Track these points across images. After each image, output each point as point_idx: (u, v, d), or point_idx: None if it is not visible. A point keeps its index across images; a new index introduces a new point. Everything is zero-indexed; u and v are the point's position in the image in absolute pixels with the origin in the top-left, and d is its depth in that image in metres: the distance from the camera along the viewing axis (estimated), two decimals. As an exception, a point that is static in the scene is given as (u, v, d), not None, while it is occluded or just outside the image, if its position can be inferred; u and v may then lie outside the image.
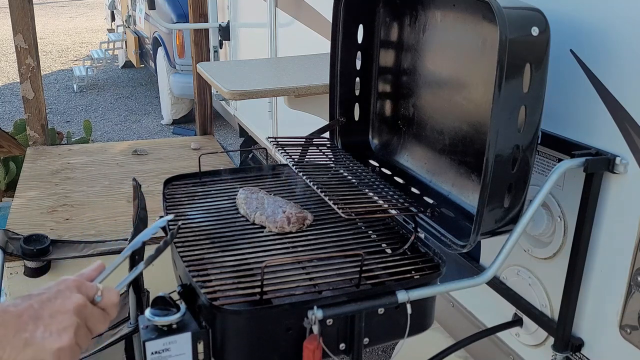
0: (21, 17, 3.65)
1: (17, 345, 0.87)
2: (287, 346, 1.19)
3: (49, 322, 0.90)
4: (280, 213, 1.52)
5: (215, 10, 4.57)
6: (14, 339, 0.87)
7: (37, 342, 0.88)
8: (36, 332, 0.89)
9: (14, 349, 0.87)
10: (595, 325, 1.49)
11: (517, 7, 1.24)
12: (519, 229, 1.33)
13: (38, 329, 0.89)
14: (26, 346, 0.88)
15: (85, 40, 12.59)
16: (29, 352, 0.88)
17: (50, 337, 0.89)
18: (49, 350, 0.89)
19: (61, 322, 0.91)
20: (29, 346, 0.88)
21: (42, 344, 0.89)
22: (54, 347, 0.89)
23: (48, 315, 0.91)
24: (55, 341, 0.89)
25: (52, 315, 0.91)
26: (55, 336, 0.90)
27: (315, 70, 2.50)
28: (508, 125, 1.24)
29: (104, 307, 0.98)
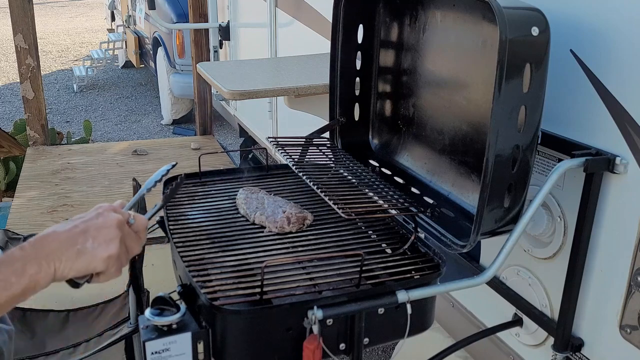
0: (21, 17, 3.65)
1: (71, 256, 1.00)
2: (287, 346, 1.19)
3: (96, 234, 1.03)
4: (280, 213, 1.52)
5: (215, 10, 4.57)
6: (67, 251, 1.00)
7: (88, 251, 1.01)
8: (86, 243, 1.01)
9: (69, 259, 0.99)
10: (595, 325, 1.49)
11: (517, 7, 1.24)
12: (519, 229, 1.33)
13: (87, 241, 1.02)
14: (79, 256, 1.00)
15: (85, 40, 12.59)
16: (82, 261, 1.00)
17: (99, 247, 1.02)
18: (100, 258, 1.02)
19: (107, 235, 1.04)
20: (82, 255, 1.00)
21: (93, 253, 1.01)
22: (104, 255, 1.02)
23: (94, 230, 1.03)
24: (104, 250, 1.02)
25: (98, 230, 1.03)
26: (104, 246, 1.03)
27: (315, 70, 2.50)
28: (508, 125, 1.25)
29: (137, 230, 1.12)
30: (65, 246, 1.00)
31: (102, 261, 1.02)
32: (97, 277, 1.06)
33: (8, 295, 0.94)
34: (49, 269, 0.98)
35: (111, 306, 2.60)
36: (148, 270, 1.63)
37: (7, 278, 0.94)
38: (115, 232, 1.05)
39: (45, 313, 2.56)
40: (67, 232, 1.02)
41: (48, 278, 0.98)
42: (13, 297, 0.95)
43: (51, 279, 0.99)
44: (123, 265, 1.08)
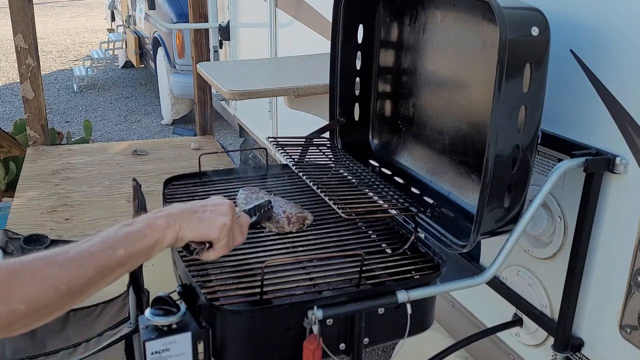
0: (21, 17, 3.65)
1: (193, 220, 1.15)
2: (287, 346, 1.19)
3: (213, 209, 1.19)
4: (281, 213, 1.52)
5: (215, 10, 4.57)
6: (190, 216, 1.15)
7: (207, 219, 1.17)
8: (205, 213, 1.17)
9: (190, 222, 1.15)
10: (595, 325, 1.49)
11: (517, 7, 1.24)
12: (519, 229, 1.33)
13: (206, 212, 1.18)
14: (199, 221, 1.16)
15: (85, 40, 12.59)
16: (202, 225, 1.15)
17: (216, 217, 1.18)
18: (217, 225, 1.17)
19: (222, 210, 1.20)
20: (202, 221, 1.16)
21: (211, 221, 1.17)
22: (220, 222, 1.18)
23: (211, 205, 1.20)
24: (220, 219, 1.18)
25: (215, 206, 1.20)
26: (219, 216, 1.18)
27: (315, 70, 2.50)
28: (508, 125, 1.25)
29: (241, 224, 1.27)
30: (188, 212, 1.16)
31: (218, 229, 1.17)
32: (207, 252, 1.19)
33: (144, 244, 1.06)
34: (175, 227, 1.12)
35: (111, 306, 2.60)
36: (148, 270, 1.63)
37: (142, 229, 1.08)
38: (228, 209, 1.21)
39: (45, 313, 2.56)
40: (188, 205, 1.19)
41: (173, 235, 1.12)
42: (147, 246, 1.07)
43: (175, 237, 1.12)
44: (229, 247, 1.22)
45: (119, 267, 1.03)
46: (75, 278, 0.96)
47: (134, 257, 1.05)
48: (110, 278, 1.03)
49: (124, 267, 1.04)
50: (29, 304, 0.91)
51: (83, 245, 1.01)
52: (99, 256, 1.01)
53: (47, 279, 0.94)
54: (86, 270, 0.98)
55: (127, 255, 1.04)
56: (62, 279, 0.95)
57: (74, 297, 0.97)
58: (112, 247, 1.02)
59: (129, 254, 1.04)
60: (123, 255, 1.03)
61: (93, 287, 1.00)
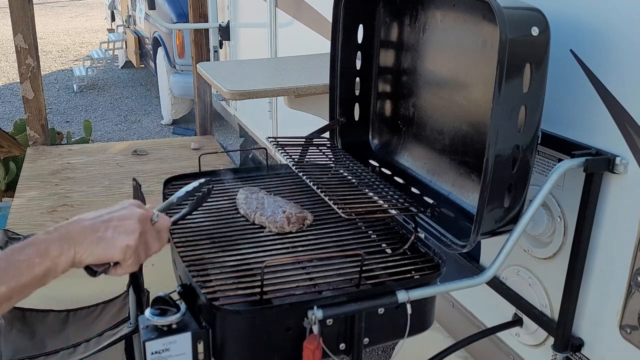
0: (21, 17, 3.65)
1: (92, 242, 1.05)
2: (287, 346, 1.19)
3: (117, 224, 1.08)
4: (280, 213, 1.52)
5: (215, 10, 4.57)
6: (89, 237, 1.05)
7: (108, 239, 1.06)
8: (107, 232, 1.07)
9: (89, 245, 1.04)
10: (595, 325, 1.49)
11: (517, 7, 1.24)
12: (519, 229, 1.33)
13: (109, 229, 1.07)
14: (99, 242, 1.05)
15: (85, 40, 12.59)
16: (101, 247, 1.05)
17: (119, 236, 1.07)
18: (118, 247, 1.07)
19: (128, 226, 1.09)
20: (102, 242, 1.05)
21: (113, 241, 1.06)
22: (122, 244, 1.07)
23: (117, 220, 1.09)
24: (124, 239, 1.07)
25: (120, 220, 1.09)
26: (124, 235, 1.08)
27: (315, 70, 2.50)
28: (508, 125, 1.25)
29: (159, 229, 1.17)
30: (88, 232, 1.05)
31: (120, 250, 1.07)
32: (114, 268, 1.10)
33: (31, 275, 0.97)
34: (70, 252, 1.02)
35: (111, 306, 2.60)
36: (148, 270, 1.62)
37: (31, 258, 0.98)
38: (136, 225, 1.10)
39: (46, 313, 2.56)
40: (91, 220, 1.08)
41: (68, 261, 1.02)
42: (35, 277, 0.98)
43: (71, 262, 1.03)
44: (141, 260, 1.13)
45: (3, 302, 0.94)
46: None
47: (21, 291, 0.97)
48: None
49: (10, 301, 0.96)
50: None
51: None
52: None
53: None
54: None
55: (10, 290, 0.95)
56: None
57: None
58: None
59: (12, 288, 0.95)
60: (5, 292, 0.94)
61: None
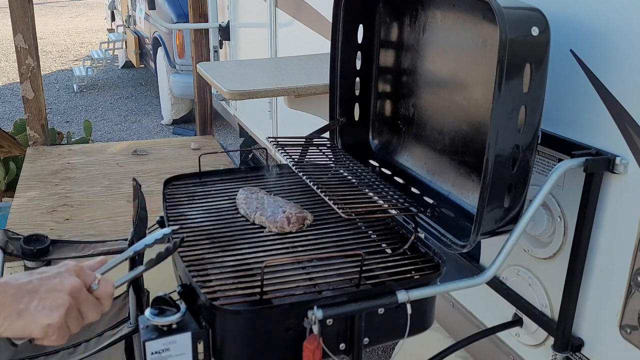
0: (21, 17, 3.65)
1: (12, 314, 0.93)
2: (287, 346, 1.19)
3: (44, 296, 0.95)
4: (280, 213, 1.52)
5: (215, 10, 4.57)
6: (10, 307, 0.93)
7: (30, 314, 0.94)
8: (30, 304, 0.94)
9: (9, 317, 0.93)
10: (595, 325, 1.49)
11: (517, 7, 1.24)
12: (519, 229, 1.33)
13: (32, 302, 0.95)
14: (19, 316, 0.93)
15: (85, 40, 12.59)
16: (20, 323, 0.93)
17: (43, 311, 0.95)
18: (39, 324, 0.94)
19: (55, 300, 0.96)
20: (22, 317, 0.93)
21: (34, 317, 0.94)
22: (44, 322, 0.94)
23: (44, 291, 0.96)
24: (47, 317, 0.95)
25: (48, 292, 0.96)
26: (47, 311, 0.95)
27: (315, 70, 2.50)
28: (508, 125, 1.25)
29: (99, 297, 1.03)
30: (10, 302, 0.94)
31: (40, 328, 0.95)
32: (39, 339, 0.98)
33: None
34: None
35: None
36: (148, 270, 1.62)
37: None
38: (64, 299, 0.97)
39: (45, 313, 2.56)
40: (16, 288, 0.95)
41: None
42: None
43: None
44: (71, 332, 1.00)
45: None
46: None
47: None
48: None
49: None
50: None
51: None
52: None
53: None
54: None
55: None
56: None
57: None
58: None
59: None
60: None
61: None
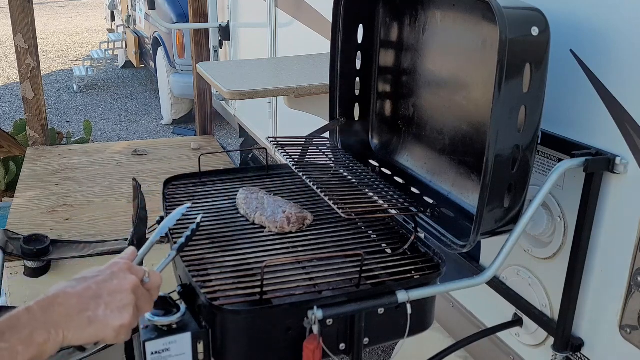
0: (21, 17, 3.65)
1: (82, 324, 0.92)
2: (287, 346, 1.19)
3: (109, 300, 0.95)
4: (280, 213, 1.52)
5: (215, 10, 4.57)
6: (78, 318, 0.92)
7: (99, 319, 0.93)
8: (98, 310, 0.94)
9: (78, 327, 0.91)
10: (595, 325, 1.49)
11: (517, 7, 1.24)
12: (519, 229, 1.33)
13: (99, 307, 0.94)
14: (90, 324, 0.92)
15: (85, 40, 12.59)
16: (92, 330, 0.93)
17: (112, 314, 0.95)
18: (112, 328, 0.95)
19: (121, 301, 0.96)
20: (92, 324, 0.93)
21: (105, 322, 0.94)
22: (116, 324, 0.95)
23: (107, 295, 0.96)
24: (117, 318, 0.95)
25: (111, 295, 0.96)
26: (117, 314, 0.95)
27: (315, 70, 2.50)
28: (508, 125, 1.24)
29: (150, 289, 1.05)
30: (76, 312, 0.92)
31: (113, 331, 0.95)
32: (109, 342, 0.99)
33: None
34: (58, 338, 0.90)
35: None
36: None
37: (13, 347, 0.85)
38: (130, 298, 0.98)
39: (45, 313, 2.56)
40: (78, 296, 0.94)
41: (56, 347, 0.90)
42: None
43: (59, 346, 0.91)
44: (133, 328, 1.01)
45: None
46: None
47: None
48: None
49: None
50: None
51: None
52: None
53: None
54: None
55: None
56: None
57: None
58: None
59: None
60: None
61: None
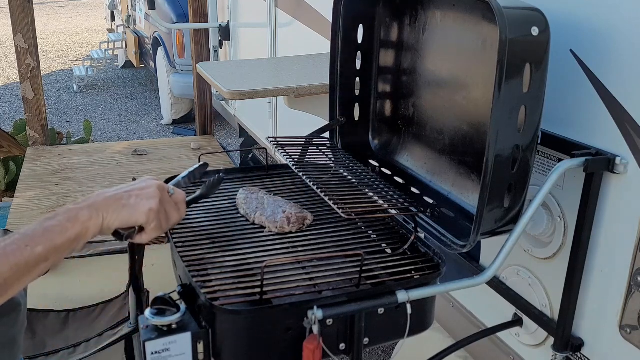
0: (21, 17, 3.65)
1: (117, 208, 1.16)
2: (287, 346, 1.19)
3: (139, 193, 1.20)
4: (280, 213, 1.52)
5: (215, 10, 4.57)
6: (114, 204, 1.16)
7: (131, 205, 1.18)
8: (130, 200, 1.18)
9: (115, 211, 1.16)
10: (595, 325, 1.49)
11: (517, 7, 1.24)
12: (519, 229, 1.33)
13: (131, 198, 1.19)
14: (123, 208, 1.17)
15: (85, 40, 12.59)
16: (125, 213, 1.17)
17: (142, 201, 1.19)
18: (142, 211, 1.18)
19: (148, 193, 1.20)
20: (126, 208, 1.17)
21: (136, 206, 1.18)
22: (145, 208, 1.18)
23: (137, 190, 1.20)
24: (146, 204, 1.19)
25: (141, 189, 1.21)
26: (145, 201, 1.19)
27: (315, 70, 2.50)
28: (508, 125, 1.24)
29: (176, 201, 1.27)
30: (112, 200, 1.17)
31: (143, 214, 1.18)
32: (139, 235, 1.21)
33: (64, 238, 1.08)
34: (98, 217, 1.13)
35: (111, 306, 2.60)
36: (148, 270, 1.62)
37: (62, 224, 1.09)
38: (155, 192, 1.21)
39: (46, 313, 2.56)
40: (113, 192, 1.19)
41: (97, 225, 1.13)
42: (68, 240, 1.09)
43: (100, 227, 1.14)
44: (163, 227, 1.23)
45: (40, 262, 1.06)
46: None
47: (56, 252, 1.08)
48: (33, 274, 1.06)
49: (47, 262, 1.07)
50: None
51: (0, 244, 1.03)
52: (16, 255, 1.03)
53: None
54: (2, 270, 1.00)
55: (47, 251, 1.06)
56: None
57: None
58: (29, 245, 1.04)
59: (48, 249, 1.06)
60: (42, 252, 1.05)
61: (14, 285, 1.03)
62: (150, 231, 1.21)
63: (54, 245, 1.07)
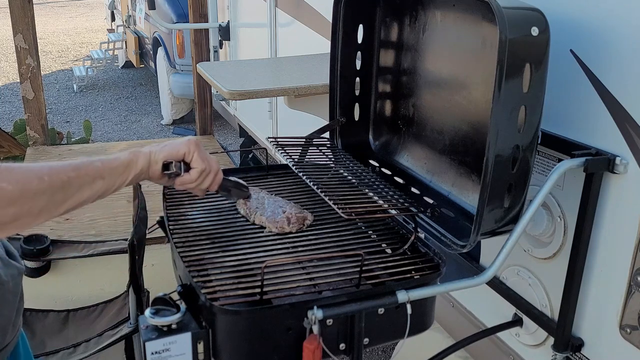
0: (21, 17, 3.65)
1: (159, 146, 1.31)
2: (287, 346, 1.19)
3: (174, 141, 1.34)
4: (281, 213, 1.52)
5: (215, 10, 4.57)
6: (157, 145, 1.31)
7: (172, 144, 1.32)
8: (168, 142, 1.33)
9: (158, 147, 1.31)
10: (595, 325, 1.49)
11: (517, 7, 1.25)
12: (519, 229, 1.33)
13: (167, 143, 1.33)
14: (165, 146, 1.32)
15: (85, 40, 12.58)
16: (168, 147, 1.32)
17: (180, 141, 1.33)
18: (181, 142, 1.33)
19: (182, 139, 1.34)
20: (167, 145, 1.32)
21: (176, 143, 1.33)
22: (185, 139, 1.34)
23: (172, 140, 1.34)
24: (184, 139, 1.34)
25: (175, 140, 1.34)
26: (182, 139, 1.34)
27: (315, 70, 2.50)
28: (508, 125, 1.25)
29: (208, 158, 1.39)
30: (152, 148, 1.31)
31: (184, 144, 1.32)
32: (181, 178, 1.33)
33: (117, 163, 1.23)
34: (145, 153, 1.28)
35: (111, 306, 2.60)
36: (148, 270, 1.63)
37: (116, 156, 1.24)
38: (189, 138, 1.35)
39: (45, 313, 2.56)
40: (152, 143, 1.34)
41: (145, 158, 1.28)
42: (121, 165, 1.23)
43: (148, 159, 1.28)
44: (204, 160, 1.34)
45: (97, 178, 1.17)
46: (56, 172, 1.10)
47: (111, 173, 1.20)
48: (90, 191, 1.16)
49: (103, 180, 1.19)
50: (14, 185, 1.02)
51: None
52: (79, 162, 1.16)
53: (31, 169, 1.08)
54: (67, 169, 1.12)
55: (104, 168, 1.19)
56: (43, 171, 1.08)
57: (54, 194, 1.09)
58: (89, 159, 1.19)
59: (105, 166, 1.20)
60: (100, 167, 1.18)
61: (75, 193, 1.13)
62: (194, 162, 1.33)
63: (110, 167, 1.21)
